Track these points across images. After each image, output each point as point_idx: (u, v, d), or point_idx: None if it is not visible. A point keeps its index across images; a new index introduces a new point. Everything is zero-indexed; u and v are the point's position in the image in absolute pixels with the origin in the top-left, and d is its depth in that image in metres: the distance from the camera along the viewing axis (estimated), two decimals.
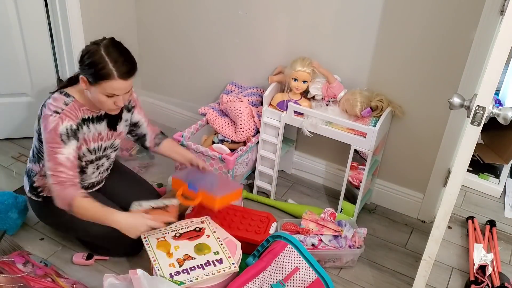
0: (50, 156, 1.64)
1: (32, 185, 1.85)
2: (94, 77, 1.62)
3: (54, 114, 1.65)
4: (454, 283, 1.97)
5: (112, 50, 1.64)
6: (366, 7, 2.01)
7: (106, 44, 1.65)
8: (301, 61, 2.09)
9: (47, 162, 1.65)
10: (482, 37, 1.78)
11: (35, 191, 1.86)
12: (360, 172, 2.12)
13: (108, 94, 1.65)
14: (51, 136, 1.63)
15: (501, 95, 2.59)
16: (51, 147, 1.64)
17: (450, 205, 1.38)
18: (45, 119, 1.66)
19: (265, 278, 1.70)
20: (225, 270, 1.67)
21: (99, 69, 1.60)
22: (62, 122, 1.65)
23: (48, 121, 1.64)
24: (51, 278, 1.71)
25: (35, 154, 1.82)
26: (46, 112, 1.66)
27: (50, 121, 1.64)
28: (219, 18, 2.43)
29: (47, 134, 1.64)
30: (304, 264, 1.72)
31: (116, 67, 1.62)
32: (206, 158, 2.18)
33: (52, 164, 1.64)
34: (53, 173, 1.64)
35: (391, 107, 2.08)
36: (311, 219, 2.02)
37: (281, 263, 1.73)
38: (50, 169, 1.64)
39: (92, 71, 1.61)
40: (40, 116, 1.70)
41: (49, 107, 1.67)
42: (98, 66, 1.60)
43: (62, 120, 1.65)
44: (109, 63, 1.61)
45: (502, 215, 2.40)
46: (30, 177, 1.86)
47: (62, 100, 1.68)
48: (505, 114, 1.20)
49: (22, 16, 2.35)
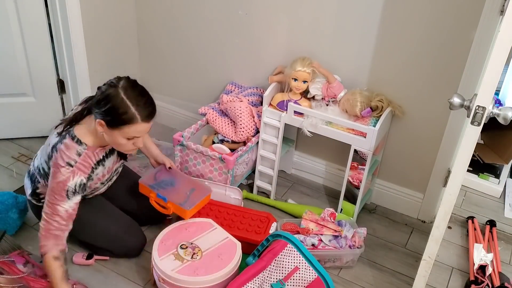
0: (51, 204, 1.62)
1: (35, 191, 1.85)
2: (115, 122, 1.58)
3: (67, 166, 1.61)
4: (454, 283, 1.97)
5: (132, 92, 1.59)
6: (366, 7, 2.01)
7: (125, 86, 1.59)
8: (301, 61, 2.09)
9: (46, 207, 1.63)
10: (482, 37, 1.78)
11: (37, 196, 1.86)
12: (360, 172, 2.12)
13: (129, 137, 1.62)
14: (58, 187, 1.61)
15: (501, 95, 2.59)
16: (54, 197, 1.62)
17: (450, 205, 1.38)
18: (56, 167, 1.62)
19: (265, 278, 1.70)
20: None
21: (121, 114, 1.56)
22: (73, 178, 1.62)
23: (60, 172, 1.60)
24: None
25: (42, 172, 1.78)
26: (59, 162, 1.61)
27: (62, 173, 1.60)
28: (219, 18, 2.43)
29: (54, 183, 1.61)
30: (304, 263, 1.72)
31: (139, 110, 1.58)
32: (206, 158, 2.18)
33: (50, 211, 1.62)
34: (48, 219, 1.63)
35: (391, 107, 2.08)
36: (311, 219, 2.02)
37: (281, 263, 1.73)
38: (46, 214, 1.63)
39: (113, 116, 1.57)
40: (51, 157, 1.66)
41: (61, 156, 1.61)
42: (119, 110, 1.56)
43: (74, 174, 1.62)
44: (131, 107, 1.57)
45: (502, 215, 2.40)
46: (34, 183, 1.85)
47: (75, 150, 1.63)
48: (505, 114, 1.20)
49: (22, 16, 2.35)
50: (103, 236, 1.89)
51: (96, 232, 1.89)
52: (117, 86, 1.58)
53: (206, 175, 2.22)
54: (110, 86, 1.59)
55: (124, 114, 1.56)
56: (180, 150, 2.25)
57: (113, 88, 1.58)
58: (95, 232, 1.89)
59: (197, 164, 2.22)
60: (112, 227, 1.89)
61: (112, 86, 1.59)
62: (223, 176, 2.19)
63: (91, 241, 1.93)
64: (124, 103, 1.56)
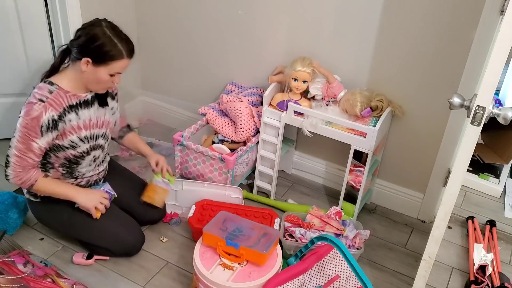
0: (24, 140, 1.66)
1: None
2: (103, 58, 1.66)
3: (39, 102, 1.65)
4: (454, 283, 1.97)
5: (115, 30, 1.69)
6: (366, 7, 2.01)
7: (108, 25, 1.69)
8: (301, 61, 2.09)
9: (18, 143, 1.67)
10: (482, 37, 1.78)
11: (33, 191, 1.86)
12: (359, 175, 2.12)
13: (112, 73, 1.70)
14: (32, 123, 1.64)
15: (501, 95, 2.59)
16: (28, 134, 1.65)
17: (450, 205, 1.38)
18: (29, 105, 1.65)
19: (305, 281, 1.69)
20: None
21: (109, 50, 1.65)
22: (45, 112, 1.65)
23: (33, 108, 1.64)
24: (51, 278, 1.71)
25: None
26: (31, 100, 1.66)
27: (34, 109, 1.64)
28: (219, 18, 2.43)
29: (28, 119, 1.64)
30: (348, 271, 1.68)
31: (124, 47, 1.68)
32: (206, 158, 2.18)
33: (23, 147, 1.67)
34: (21, 155, 1.67)
35: (391, 107, 2.08)
36: (317, 215, 2.03)
37: (324, 268, 1.70)
38: (19, 150, 1.67)
39: (102, 52, 1.65)
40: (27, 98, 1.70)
41: (34, 95, 1.67)
42: (107, 47, 1.65)
43: (46, 109, 1.65)
44: (118, 43, 1.66)
45: (502, 215, 2.40)
46: None
47: (47, 89, 1.69)
48: (505, 114, 1.20)
49: (22, 16, 2.35)
50: (102, 234, 1.89)
51: (95, 231, 1.89)
52: (101, 25, 1.67)
53: (206, 175, 2.22)
54: (94, 26, 1.67)
55: (112, 50, 1.66)
56: (180, 150, 2.25)
57: (98, 27, 1.66)
58: (94, 231, 1.89)
59: (197, 164, 2.22)
60: (110, 226, 1.89)
61: (97, 25, 1.67)
62: (223, 176, 2.19)
63: (90, 240, 1.93)
64: (112, 40, 1.66)
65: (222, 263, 1.71)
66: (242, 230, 1.81)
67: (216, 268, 1.70)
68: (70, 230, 1.94)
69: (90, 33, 1.66)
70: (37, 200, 1.87)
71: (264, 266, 1.70)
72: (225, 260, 1.72)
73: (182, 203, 2.20)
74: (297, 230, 1.96)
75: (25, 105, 1.67)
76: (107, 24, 1.69)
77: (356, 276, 1.67)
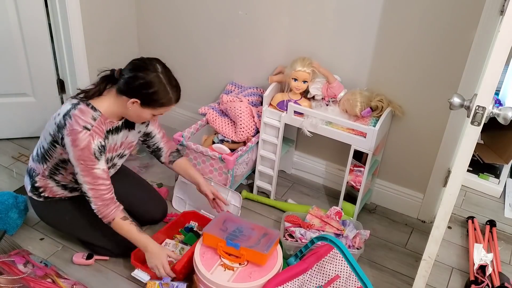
0: (86, 172, 1.66)
1: (34, 185, 1.85)
2: (153, 104, 1.68)
3: (84, 130, 1.63)
4: (454, 283, 1.97)
5: (169, 77, 1.70)
6: (366, 7, 2.01)
7: (163, 70, 1.69)
8: (301, 61, 2.09)
9: (84, 177, 1.67)
10: (482, 37, 1.78)
11: (37, 191, 1.86)
12: (359, 175, 2.12)
13: (156, 114, 1.74)
14: (84, 154, 1.63)
15: (501, 95, 2.59)
16: (86, 164, 1.65)
17: (450, 205, 1.38)
18: (74, 134, 1.63)
19: (305, 281, 1.69)
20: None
21: (161, 98, 1.67)
22: (93, 140, 1.64)
23: (79, 138, 1.62)
24: (51, 278, 1.71)
25: (40, 154, 1.81)
26: (75, 127, 1.63)
27: (81, 139, 1.62)
28: (220, 18, 2.43)
29: (79, 151, 1.63)
30: (348, 271, 1.68)
31: (174, 94, 1.70)
32: (206, 158, 2.18)
33: (90, 179, 1.67)
34: (93, 187, 1.68)
35: (391, 107, 2.08)
36: (317, 215, 2.04)
37: (324, 268, 1.70)
38: (88, 183, 1.67)
39: (153, 99, 1.67)
40: (63, 125, 1.65)
41: (76, 121, 1.63)
42: (160, 95, 1.67)
43: (93, 138, 1.64)
44: (170, 92, 1.68)
45: (502, 215, 2.40)
46: (32, 177, 1.86)
47: (90, 115, 1.66)
48: (505, 114, 1.20)
49: (22, 16, 2.35)
50: (102, 235, 1.89)
51: (96, 231, 1.89)
52: (157, 71, 1.67)
53: (206, 175, 2.22)
54: (149, 71, 1.66)
55: (163, 99, 1.68)
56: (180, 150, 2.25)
57: (154, 73, 1.66)
58: (95, 231, 1.89)
59: (197, 164, 2.22)
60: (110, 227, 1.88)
61: (152, 70, 1.67)
62: (223, 176, 2.19)
63: (91, 239, 1.93)
64: (165, 89, 1.67)
65: (223, 264, 1.71)
66: (243, 230, 1.81)
67: (216, 268, 1.70)
68: (71, 229, 1.94)
69: (146, 79, 1.65)
70: (40, 199, 1.87)
71: (264, 266, 1.70)
72: (226, 260, 1.72)
73: (188, 199, 2.21)
74: (297, 230, 1.96)
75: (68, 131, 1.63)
76: (162, 69, 1.68)
77: (356, 276, 1.67)
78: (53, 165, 1.79)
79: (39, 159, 1.82)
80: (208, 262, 1.71)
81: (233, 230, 1.80)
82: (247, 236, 1.77)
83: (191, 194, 2.20)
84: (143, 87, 1.65)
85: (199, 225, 2.08)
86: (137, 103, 1.67)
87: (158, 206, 2.13)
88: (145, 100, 1.67)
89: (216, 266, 1.70)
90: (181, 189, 2.25)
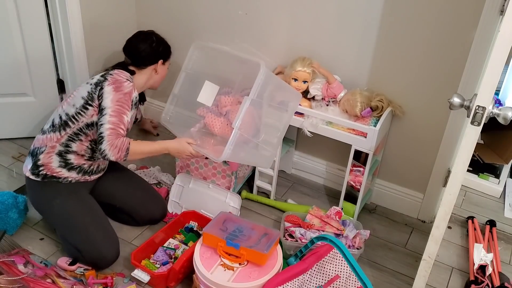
0: (117, 113, 1.78)
1: (36, 163, 1.85)
2: (168, 56, 2.11)
3: (128, 81, 1.84)
4: (454, 283, 1.97)
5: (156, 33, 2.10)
6: (367, 7, 2.01)
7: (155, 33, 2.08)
8: (301, 61, 2.09)
9: (112, 118, 1.76)
10: (482, 37, 1.78)
11: (37, 169, 1.85)
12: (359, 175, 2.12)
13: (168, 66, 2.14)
14: (125, 98, 1.80)
15: (501, 95, 2.59)
16: (122, 107, 1.79)
17: (450, 205, 1.38)
18: (118, 82, 1.81)
19: (305, 281, 1.69)
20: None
21: (168, 47, 2.11)
22: (134, 90, 1.86)
23: (123, 85, 1.81)
24: (51, 279, 1.71)
25: (60, 122, 1.86)
26: (118, 78, 1.82)
27: (125, 86, 1.82)
28: (219, 18, 2.43)
29: (121, 94, 1.79)
30: (348, 271, 1.68)
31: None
32: (208, 161, 2.17)
33: (116, 120, 1.77)
34: (114, 127, 1.76)
35: (391, 107, 2.08)
36: (317, 215, 2.04)
37: (324, 268, 1.70)
38: (112, 123, 1.76)
39: (166, 51, 2.09)
40: (104, 80, 1.81)
41: (119, 75, 1.83)
42: (167, 46, 2.10)
43: (134, 88, 1.86)
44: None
45: (502, 215, 2.40)
46: (36, 155, 1.86)
47: (128, 75, 1.88)
48: (505, 114, 1.20)
49: (22, 16, 2.35)
50: (81, 236, 1.83)
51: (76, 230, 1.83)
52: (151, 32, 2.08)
53: (209, 178, 2.22)
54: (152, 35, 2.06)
55: (169, 47, 2.12)
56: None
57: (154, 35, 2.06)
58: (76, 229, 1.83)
59: (200, 168, 2.22)
60: (92, 233, 1.83)
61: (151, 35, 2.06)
62: (226, 179, 2.18)
63: (68, 237, 1.87)
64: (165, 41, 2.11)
65: (223, 264, 1.71)
66: (243, 230, 1.81)
67: (216, 268, 1.70)
68: (56, 218, 1.89)
69: (158, 41, 2.04)
70: (38, 178, 1.86)
71: (264, 266, 1.70)
72: (226, 260, 1.72)
73: (184, 202, 2.20)
74: (297, 230, 1.96)
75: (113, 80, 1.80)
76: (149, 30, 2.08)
77: (356, 276, 1.67)
78: (75, 131, 1.83)
79: (57, 128, 1.85)
80: (208, 262, 1.71)
81: (233, 230, 1.80)
82: (247, 236, 1.78)
83: (186, 198, 2.19)
84: (161, 46, 2.05)
85: (199, 225, 2.08)
86: (161, 62, 2.04)
87: (157, 206, 2.13)
88: (166, 55, 2.08)
89: (216, 266, 1.70)
90: (176, 193, 2.23)
